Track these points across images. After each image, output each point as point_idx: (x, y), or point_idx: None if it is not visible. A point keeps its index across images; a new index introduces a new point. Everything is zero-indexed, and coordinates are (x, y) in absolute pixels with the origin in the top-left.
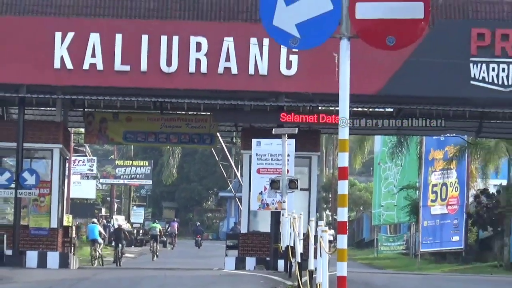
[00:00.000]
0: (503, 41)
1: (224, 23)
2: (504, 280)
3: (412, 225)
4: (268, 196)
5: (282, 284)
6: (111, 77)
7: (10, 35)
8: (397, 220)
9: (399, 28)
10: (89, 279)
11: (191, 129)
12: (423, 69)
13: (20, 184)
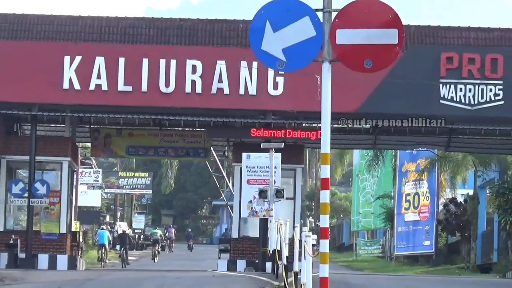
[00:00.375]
0: (469, 64)
1: (217, 48)
2: (471, 281)
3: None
4: (257, 204)
5: (269, 284)
6: (115, 96)
7: (24, 58)
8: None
9: (376, 53)
10: (95, 280)
11: (187, 143)
12: (397, 89)
13: (33, 193)
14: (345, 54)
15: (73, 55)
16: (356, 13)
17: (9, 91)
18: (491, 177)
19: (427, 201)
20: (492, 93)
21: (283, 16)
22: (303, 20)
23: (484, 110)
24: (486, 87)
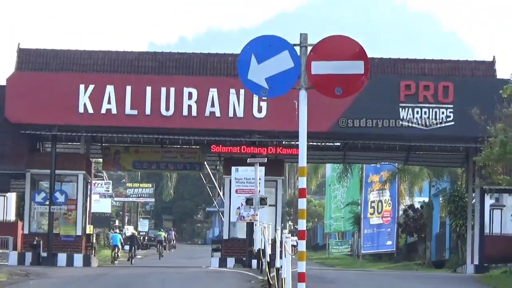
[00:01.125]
0: (425, 91)
1: (209, 78)
2: (426, 275)
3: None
4: (244, 210)
5: (255, 278)
6: (123, 119)
7: (45, 86)
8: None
9: (345, 81)
10: (106, 275)
11: (184, 159)
12: (363, 112)
13: (53, 201)
14: (319, 82)
15: (87, 84)
16: (328, 47)
17: (32, 115)
18: (443, 187)
19: (389, 207)
20: (444, 115)
21: (266, 50)
22: (283, 54)
23: (437, 130)
24: (439, 110)
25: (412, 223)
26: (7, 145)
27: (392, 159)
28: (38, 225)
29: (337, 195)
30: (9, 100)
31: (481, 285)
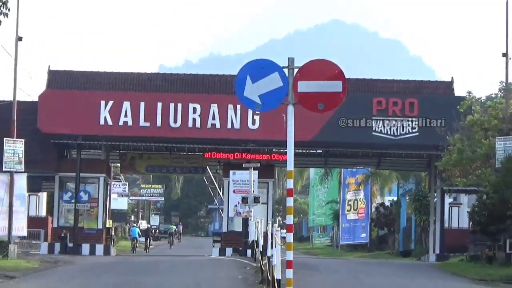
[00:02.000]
0: (394, 106)
1: (211, 95)
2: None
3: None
4: (240, 207)
5: (249, 265)
6: (137, 130)
7: (71, 102)
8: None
9: (326, 98)
10: (123, 262)
11: (189, 164)
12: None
13: (78, 200)
14: (304, 99)
15: (106, 100)
16: (312, 69)
17: (60, 126)
18: (409, 188)
19: (363, 205)
20: (410, 127)
21: (259, 71)
22: (273, 75)
23: (404, 139)
24: (405, 123)
25: (383, 218)
26: (38, 152)
27: (366, 164)
28: (65, 220)
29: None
30: (41, 114)
31: (442, 271)
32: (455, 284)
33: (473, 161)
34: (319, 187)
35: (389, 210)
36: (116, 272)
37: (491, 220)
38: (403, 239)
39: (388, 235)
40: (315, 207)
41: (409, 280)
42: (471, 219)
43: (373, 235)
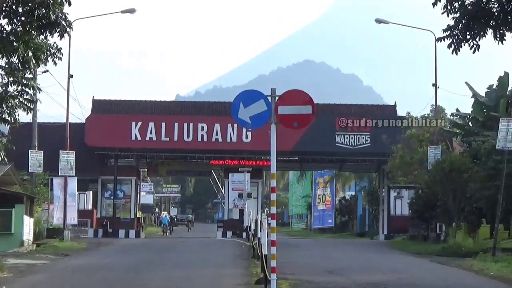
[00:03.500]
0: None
1: (214, 117)
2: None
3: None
4: (237, 201)
5: (244, 244)
6: (160, 143)
7: (110, 123)
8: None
9: (300, 119)
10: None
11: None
12: (312, 138)
13: (116, 197)
14: (283, 119)
15: (136, 121)
16: (289, 97)
17: (102, 141)
18: (364, 185)
19: (330, 198)
20: (363, 139)
21: (249, 99)
22: (260, 101)
23: (360, 148)
24: (360, 136)
25: (344, 208)
26: (86, 161)
27: (331, 168)
28: (106, 211)
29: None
30: (88, 132)
31: (389, 247)
32: (399, 256)
33: (411, 164)
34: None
35: (349, 202)
36: (146, 250)
37: (425, 209)
38: (360, 224)
39: (348, 221)
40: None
41: (364, 253)
42: (410, 208)
43: (337, 221)
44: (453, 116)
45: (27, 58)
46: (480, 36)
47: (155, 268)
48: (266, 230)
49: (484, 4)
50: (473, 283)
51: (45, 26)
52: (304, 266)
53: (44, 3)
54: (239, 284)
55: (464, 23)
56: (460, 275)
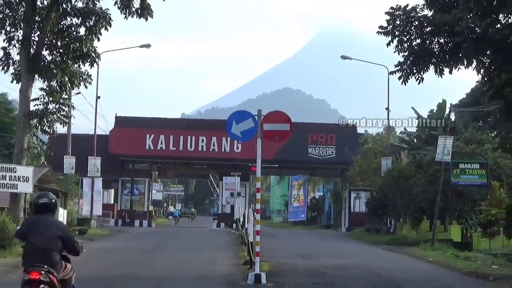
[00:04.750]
0: (321, 138)
1: (212, 131)
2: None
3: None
4: (229, 199)
5: (234, 233)
6: (168, 152)
7: (129, 135)
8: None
9: (280, 134)
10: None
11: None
12: (289, 149)
13: (132, 194)
14: (267, 134)
15: (150, 134)
16: (272, 117)
17: (123, 149)
18: (330, 187)
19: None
20: (330, 151)
21: (240, 117)
22: (249, 120)
23: (327, 159)
24: (327, 149)
25: (314, 205)
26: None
27: (304, 173)
28: (124, 205)
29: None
30: (111, 142)
31: (349, 237)
32: (357, 244)
33: (368, 172)
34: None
35: (318, 200)
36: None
37: (378, 207)
38: (326, 218)
39: (317, 216)
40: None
41: (330, 242)
42: (366, 206)
43: (308, 216)
44: (402, 134)
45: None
46: (423, 70)
47: (163, 251)
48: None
49: (427, 45)
50: (416, 266)
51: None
52: (282, 251)
53: (78, 39)
54: (230, 264)
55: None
56: (405, 260)
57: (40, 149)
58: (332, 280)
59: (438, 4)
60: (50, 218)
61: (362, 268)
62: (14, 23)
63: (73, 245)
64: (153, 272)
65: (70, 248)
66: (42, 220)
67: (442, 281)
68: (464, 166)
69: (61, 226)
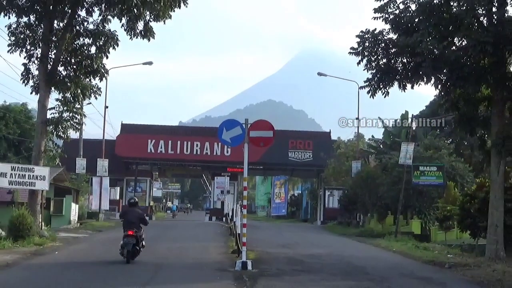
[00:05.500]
0: (299, 144)
1: (206, 137)
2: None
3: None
4: (220, 196)
5: (224, 226)
6: (167, 155)
7: (133, 140)
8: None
9: (264, 140)
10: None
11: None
12: (272, 153)
13: (136, 191)
14: (253, 140)
15: (151, 139)
16: (257, 125)
17: (128, 153)
18: (307, 186)
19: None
20: (308, 155)
21: (230, 125)
22: (237, 127)
23: (305, 161)
24: (306, 153)
25: (293, 202)
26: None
27: (285, 174)
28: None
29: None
30: (117, 146)
31: (324, 229)
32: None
33: (340, 173)
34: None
35: (297, 197)
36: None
37: (349, 203)
38: (304, 213)
39: (296, 211)
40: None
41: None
42: (339, 203)
43: (289, 211)
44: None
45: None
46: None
47: (162, 240)
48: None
49: (392, 64)
50: (381, 255)
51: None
52: (265, 241)
53: (89, 57)
54: (220, 253)
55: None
56: (372, 250)
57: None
58: (309, 266)
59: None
60: (134, 208)
61: (335, 256)
62: (33, 43)
63: (144, 220)
64: (153, 259)
65: (143, 222)
66: (131, 209)
67: (405, 268)
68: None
69: (139, 212)
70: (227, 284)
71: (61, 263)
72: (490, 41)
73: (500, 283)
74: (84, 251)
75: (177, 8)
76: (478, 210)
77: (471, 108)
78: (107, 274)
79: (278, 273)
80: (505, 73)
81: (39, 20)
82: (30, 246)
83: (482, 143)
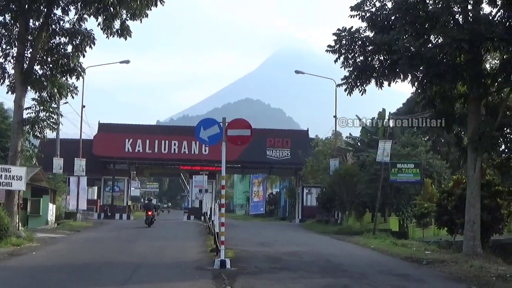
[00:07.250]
0: (277, 143)
1: (184, 136)
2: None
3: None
4: (198, 195)
5: (203, 225)
6: (145, 154)
7: (111, 139)
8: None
9: (242, 139)
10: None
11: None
12: (250, 152)
13: (113, 191)
14: (230, 139)
15: (129, 139)
16: (234, 123)
17: (105, 152)
18: (285, 184)
19: (262, 193)
20: (286, 153)
21: (207, 124)
22: (215, 126)
23: (283, 160)
24: (283, 151)
25: (272, 200)
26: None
27: (263, 172)
28: (106, 201)
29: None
30: (94, 146)
31: (302, 227)
32: (309, 234)
33: (318, 171)
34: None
35: (275, 196)
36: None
37: (327, 201)
38: (282, 211)
39: (274, 209)
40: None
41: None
42: (317, 200)
43: (267, 209)
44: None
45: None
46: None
47: (141, 239)
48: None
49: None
50: (360, 252)
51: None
52: (243, 240)
53: (66, 55)
54: (199, 251)
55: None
56: (350, 247)
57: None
58: (287, 264)
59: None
60: (151, 203)
61: (313, 254)
62: (9, 42)
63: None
64: (132, 259)
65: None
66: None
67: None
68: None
69: (153, 204)
70: (206, 282)
71: (39, 263)
72: (466, 38)
73: (477, 279)
74: (62, 251)
75: (153, 6)
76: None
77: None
78: (85, 274)
79: (257, 271)
80: (481, 70)
81: (14, 19)
82: (7, 247)
83: (458, 140)
